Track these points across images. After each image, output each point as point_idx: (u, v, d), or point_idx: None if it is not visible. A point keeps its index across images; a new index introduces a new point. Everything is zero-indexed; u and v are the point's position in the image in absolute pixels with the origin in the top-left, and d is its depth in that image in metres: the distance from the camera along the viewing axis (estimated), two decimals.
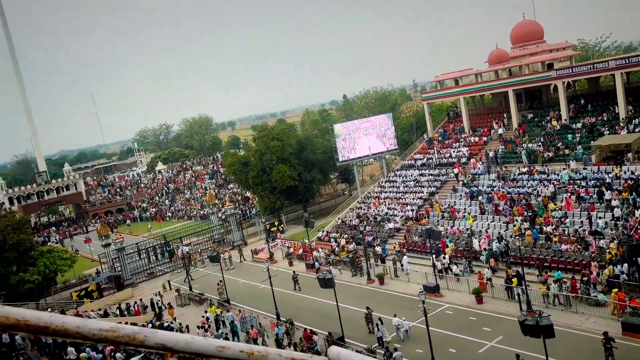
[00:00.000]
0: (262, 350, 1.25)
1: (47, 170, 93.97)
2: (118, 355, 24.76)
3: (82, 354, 25.75)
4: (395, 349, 23.57)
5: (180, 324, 31.54)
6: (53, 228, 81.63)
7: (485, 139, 46.95)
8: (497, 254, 32.16)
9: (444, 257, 33.34)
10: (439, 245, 34.45)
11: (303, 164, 57.23)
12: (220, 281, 37.20)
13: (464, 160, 45.53)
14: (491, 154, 43.33)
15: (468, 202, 39.89)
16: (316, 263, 39.09)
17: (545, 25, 51.85)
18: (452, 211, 39.33)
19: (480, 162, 43.24)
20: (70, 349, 26.25)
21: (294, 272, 37.95)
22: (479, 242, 34.04)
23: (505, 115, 47.28)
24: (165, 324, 30.90)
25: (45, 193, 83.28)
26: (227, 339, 28.21)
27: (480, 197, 39.06)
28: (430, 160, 48.37)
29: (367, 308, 27.62)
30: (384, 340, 25.22)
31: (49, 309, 36.90)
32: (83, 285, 46.14)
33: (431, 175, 46.56)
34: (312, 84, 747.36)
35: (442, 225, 37.74)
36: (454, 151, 47.49)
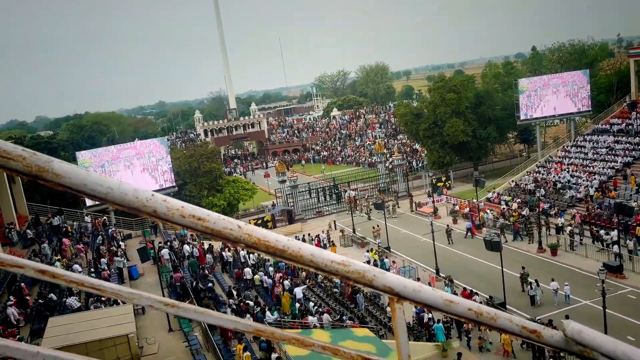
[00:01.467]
0: (491, 312, 1.17)
1: (237, 108, 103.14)
2: (286, 282, 27.02)
3: (256, 276, 28.66)
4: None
5: None
6: (237, 160, 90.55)
7: None
8: None
9: (608, 234, 30.35)
10: (629, 223, 30.68)
11: (479, 119, 54.35)
12: (376, 226, 39.07)
13: None
14: None
15: None
16: (467, 223, 38.01)
17: None
18: None
19: None
20: (247, 270, 29.35)
21: (447, 225, 37.84)
22: None
23: None
24: None
25: (234, 128, 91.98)
26: None
27: None
28: (630, 127, 42.49)
29: (523, 268, 27.45)
30: (536, 300, 25.71)
31: None
32: (260, 215, 50.85)
33: (629, 143, 41.03)
34: (496, 34, 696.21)
35: (634, 201, 33.37)
36: None
